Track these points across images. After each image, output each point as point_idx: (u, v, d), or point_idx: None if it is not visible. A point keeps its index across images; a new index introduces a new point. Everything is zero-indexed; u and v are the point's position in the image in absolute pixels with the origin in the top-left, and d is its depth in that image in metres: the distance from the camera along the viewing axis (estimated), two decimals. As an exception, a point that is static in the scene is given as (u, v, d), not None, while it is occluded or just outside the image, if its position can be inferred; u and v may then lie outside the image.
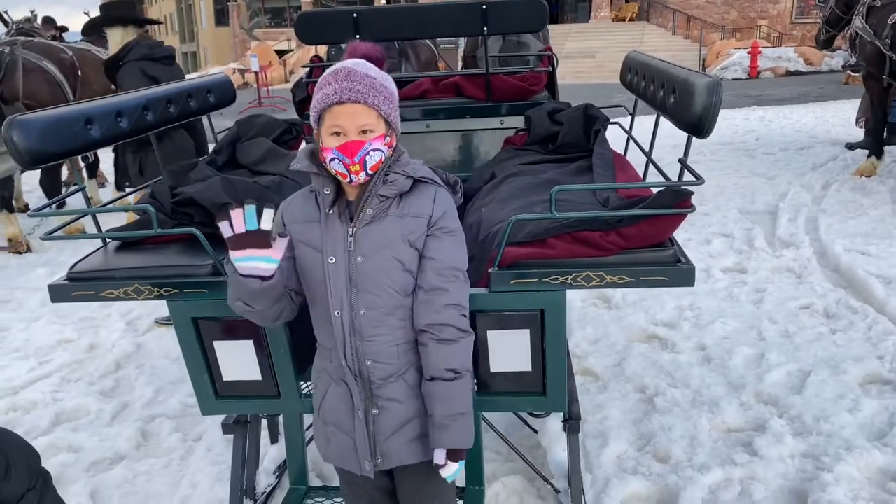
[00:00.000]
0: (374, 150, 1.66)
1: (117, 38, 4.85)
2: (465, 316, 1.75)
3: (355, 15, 3.10)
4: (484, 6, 2.99)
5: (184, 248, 2.18)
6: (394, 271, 1.72)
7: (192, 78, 3.41)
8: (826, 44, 8.38)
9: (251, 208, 1.54)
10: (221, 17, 44.28)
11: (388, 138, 1.70)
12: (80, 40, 7.50)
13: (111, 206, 2.31)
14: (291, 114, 3.50)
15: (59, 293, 2.08)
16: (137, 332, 4.48)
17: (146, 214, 2.22)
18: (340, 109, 1.64)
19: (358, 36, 3.10)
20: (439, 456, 1.74)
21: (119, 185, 7.64)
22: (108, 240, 2.28)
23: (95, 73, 6.72)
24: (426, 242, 1.74)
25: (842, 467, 2.77)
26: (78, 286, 2.07)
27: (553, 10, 33.10)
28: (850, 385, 3.39)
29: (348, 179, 1.68)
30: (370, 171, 1.68)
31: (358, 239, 1.72)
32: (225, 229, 1.54)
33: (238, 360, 2.17)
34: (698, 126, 1.88)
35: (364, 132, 1.65)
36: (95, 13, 8.20)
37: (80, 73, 6.36)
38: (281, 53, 31.87)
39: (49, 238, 2.08)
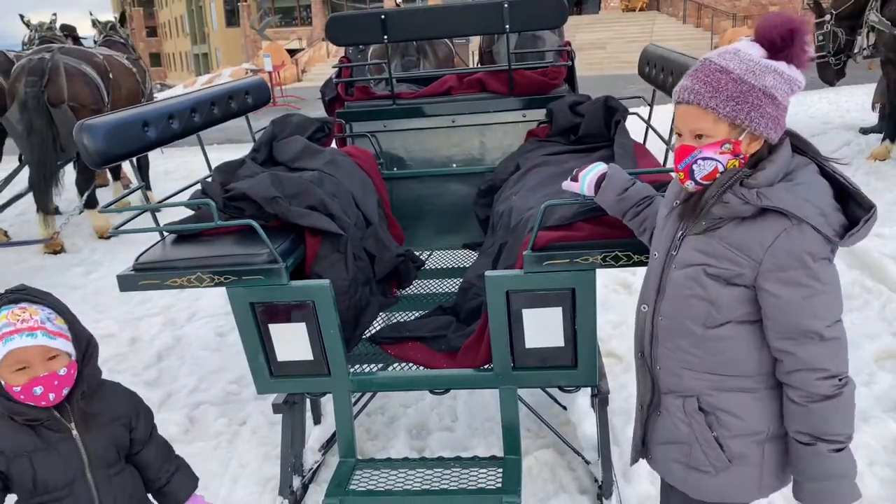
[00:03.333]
0: (705, 158, 1.48)
1: None
2: (828, 379, 1.47)
3: (383, 17, 3.26)
4: (506, 5, 3.14)
5: (238, 239, 2.36)
6: (692, 297, 1.56)
7: (204, 79, 3.57)
8: (840, 74, 8.09)
9: None
10: (232, 18, 44.55)
11: (728, 145, 1.47)
12: (95, 46, 7.72)
13: (169, 201, 2.47)
14: (305, 112, 3.65)
15: (127, 283, 2.26)
16: (176, 325, 4.66)
17: (201, 209, 2.41)
18: (680, 110, 1.53)
19: (386, 36, 3.26)
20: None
21: (146, 183, 7.85)
22: (165, 233, 2.45)
23: (122, 75, 6.94)
24: (762, 294, 1.49)
25: (858, 436, 2.89)
26: (144, 276, 2.25)
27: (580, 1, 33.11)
28: (867, 360, 3.52)
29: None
30: (701, 181, 1.51)
31: (683, 246, 1.59)
32: None
33: (291, 342, 2.34)
34: None
35: (698, 137, 1.49)
36: (104, 16, 8.44)
37: (111, 76, 6.57)
38: (292, 52, 32.05)
39: (117, 233, 2.25)
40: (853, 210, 1.46)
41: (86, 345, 1.78)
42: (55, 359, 1.67)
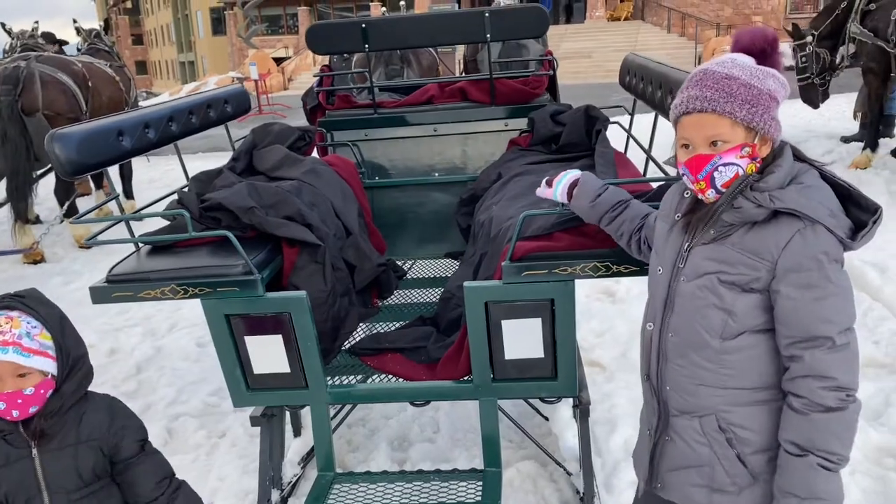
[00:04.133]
0: (726, 164, 1.46)
1: None
2: (834, 390, 1.42)
3: (364, 26, 3.24)
4: (487, 14, 3.13)
5: (213, 250, 2.33)
6: (707, 307, 1.53)
7: (190, 87, 3.55)
8: (824, 96, 8.12)
9: None
10: (218, 27, 44.51)
11: (746, 149, 1.46)
12: (78, 54, 7.67)
13: (144, 212, 2.44)
14: (291, 120, 3.63)
15: (100, 295, 2.22)
16: (156, 336, 4.61)
17: (177, 220, 2.38)
18: (688, 120, 1.49)
19: (367, 45, 3.24)
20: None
21: (128, 193, 7.79)
22: (140, 244, 2.42)
23: (102, 83, 6.89)
24: (775, 297, 1.46)
25: (840, 445, 2.90)
26: (117, 287, 2.21)
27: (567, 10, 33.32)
28: (848, 369, 3.52)
29: (699, 197, 1.55)
30: (721, 189, 1.48)
31: (690, 257, 1.56)
32: None
33: (268, 354, 2.31)
34: None
35: (713, 144, 1.47)
36: (89, 24, 8.38)
37: (90, 83, 6.52)
38: (278, 61, 32.03)
39: (91, 244, 2.22)
40: (855, 214, 1.46)
41: (72, 362, 1.72)
42: (25, 377, 1.62)
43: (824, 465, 1.43)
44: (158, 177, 9.61)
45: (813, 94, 8.20)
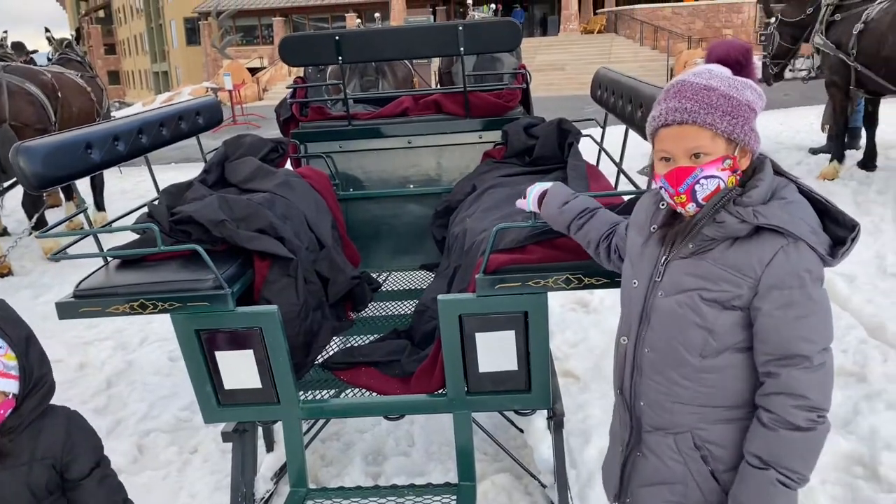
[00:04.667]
0: (707, 177, 1.43)
1: None
2: (806, 410, 1.41)
3: (337, 38, 3.24)
4: (460, 28, 3.15)
5: (184, 264, 2.30)
6: (686, 324, 1.50)
7: (164, 97, 3.52)
8: (777, 77, 8.47)
9: None
10: (192, 36, 44.24)
11: (728, 161, 1.44)
12: (49, 63, 7.57)
13: (112, 226, 2.40)
14: (265, 131, 3.61)
15: (66, 310, 2.18)
16: (127, 350, 4.54)
17: (146, 233, 2.35)
18: (667, 132, 1.46)
19: (341, 57, 3.24)
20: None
21: (98, 205, 7.68)
22: (109, 258, 2.38)
23: (73, 94, 6.80)
24: (756, 315, 1.44)
25: (810, 454, 2.94)
26: (85, 302, 2.17)
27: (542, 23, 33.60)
28: (817, 378, 3.57)
29: (678, 211, 1.52)
30: (702, 202, 1.45)
31: (668, 271, 1.53)
32: None
33: (239, 370, 2.28)
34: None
35: (695, 157, 1.44)
36: (60, 33, 8.29)
37: (59, 94, 6.43)
38: (253, 71, 31.90)
39: (58, 258, 2.18)
40: (832, 230, 1.45)
41: (34, 381, 1.69)
42: None
43: (784, 482, 1.42)
44: (130, 188, 9.49)
45: (765, 73, 8.53)
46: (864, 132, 7.92)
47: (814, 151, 8.88)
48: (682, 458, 1.57)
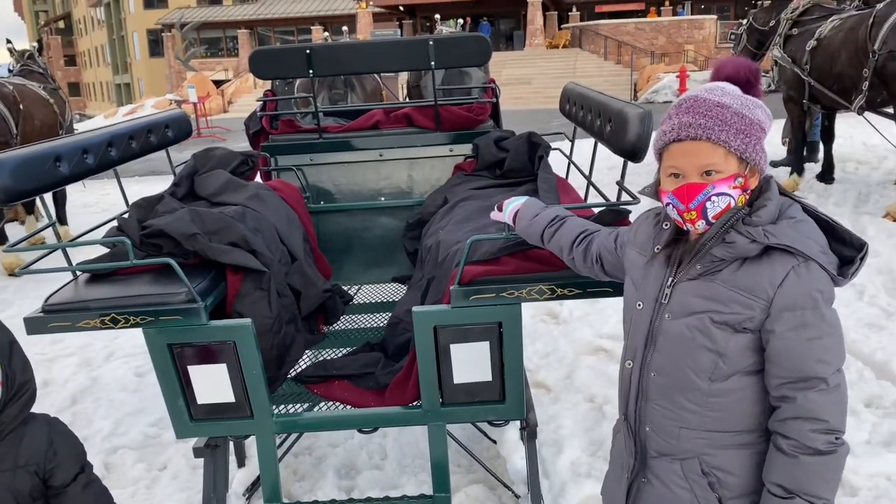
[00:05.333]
0: (718, 194, 1.40)
1: None
2: (825, 433, 1.38)
3: (308, 51, 3.25)
4: (430, 42, 3.18)
5: (155, 278, 2.27)
6: (695, 347, 1.46)
7: (126, 110, 3.49)
8: None
9: None
10: (156, 48, 43.80)
11: (739, 179, 1.41)
12: (10, 75, 7.43)
13: (82, 239, 2.37)
14: (231, 144, 3.60)
15: (35, 325, 2.14)
16: (92, 366, 4.45)
17: (117, 247, 2.32)
18: (679, 148, 1.43)
19: (311, 71, 3.25)
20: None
21: (61, 219, 7.54)
22: (78, 272, 2.34)
23: (35, 106, 6.69)
24: (768, 337, 1.41)
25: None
26: (54, 318, 2.14)
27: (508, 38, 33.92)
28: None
29: (685, 228, 1.48)
30: (712, 220, 1.43)
31: (675, 293, 1.50)
32: None
33: (212, 384, 2.26)
34: (633, 152, 2.09)
35: (707, 174, 1.41)
36: (20, 44, 8.13)
37: (21, 106, 6.32)
38: (218, 83, 31.68)
39: (25, 273, 2.14)
40: (837, 249, 1.44)
41: (16, 388, 1.69)
42: None
43: None
44: (94, 201, 9.33)
45: None
46: (821, 146, 8.17)
47: (774, 164, 9.10)
48: (689, 484, 1.54)
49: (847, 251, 1.43)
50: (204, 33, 38.90)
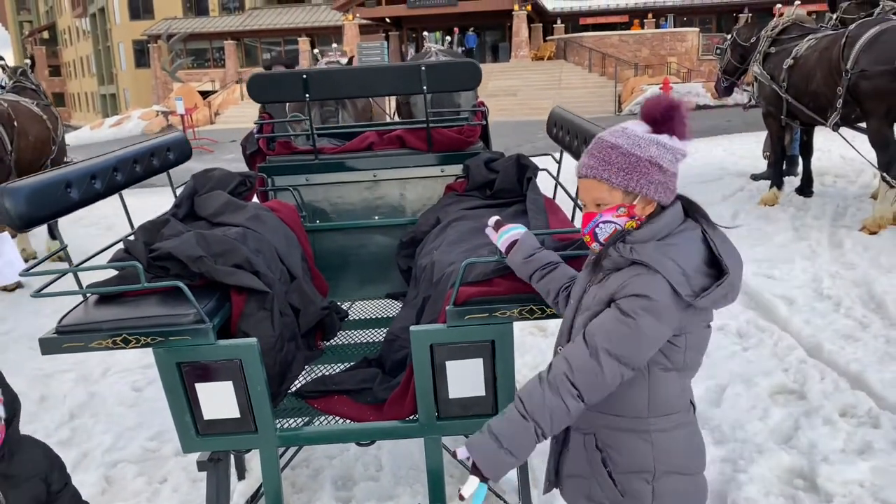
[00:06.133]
0: (605, 222, 1.69)
1: None
2: (564, 378, 1.66)
3: (305, 76, 3.37)
4: (423, 68, 3.31)
5: (163, 299, 2.37)
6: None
7: (112, 121, 3.55)
8: (727, 91, 9.18)
9: None
10: (142, 59, 43.70)
11: (622, 209, 1.68)
12: (2, 92, 7.49)
13: (94, 264, 2.47)
14: (218, 155, 3.70)
15: (50, 346, 2.23)
16: (90, 381, 4.53)
17: (126, 270, 2.42)
18: (580, 183, 1.74)
19: (308, 95, 3.37)
20: (461, 451, 1.77)
21: (52, 234, 7.59)
22: (87, 294, 2.44)
23: (29, 123, 6.75)
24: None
25: (755, 469, 3.15)
26: (68, 338, 2.23)
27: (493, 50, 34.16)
28: (761, 396, 3.81)
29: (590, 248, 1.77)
30: (603, 242, 1.71)
31: (586, 295, 1.77)
32: None
33: (218, 400, 2.36)
34: None
35: (598, 205, 1.70)
36: (5, 56, 8.18)
37: (15, 123, 6.38)
38: (204, 94, 31.67)
39: (38, 296, 2.24)
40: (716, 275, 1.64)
41: (16, 405, 1.79)
42: None
43: (519, 415, 1.68)
44: (84, 214, 9.34)
45: (718, 85, 9.29)
46: (801, 160, 8.37)
47: (755, 178, 9.32)
48: (588, 456, 1.81)
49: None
50: (190, 44, 38.89)
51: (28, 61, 7.94)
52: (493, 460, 1.69)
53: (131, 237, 2.72)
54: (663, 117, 1.66)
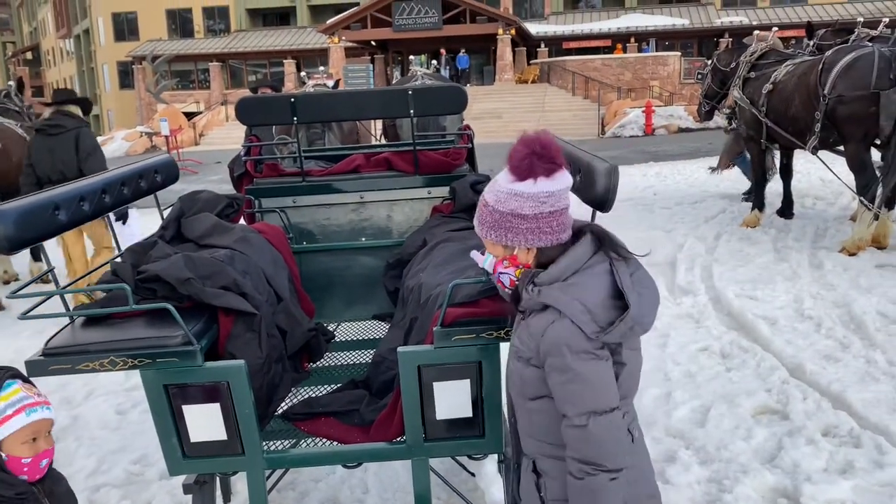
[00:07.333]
0: (501, 273, 1.82)
1: None
2: (578, 461, 1.68)
3: (293, 100, 3.40)
4: (410, 92, 3.36)
5: (150, 321, 2.38)
6: (513, 371, 1.85)
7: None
8: (708, 115, 9.36)
9: None
10: (126, 80, 43.66)
11: (505, 262, 1.80)
12: None
13: (82, 287, 2.47)
14: (203, 177, 3.72)
15: (36, 368, 2.22)
16: (72, 404, 4.48)
17: (114, 292, 2.42)
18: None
19: (296, 118, 3.40)
20: None
21: (35, 255, 7.53)
22: (74, 316, 2.43)
23: (13, 145, 6.74)
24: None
25: (740, 488, 3.17)
26: (55, 360, 2.22)
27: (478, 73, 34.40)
28: (744, 416, 3.84)
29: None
30: (510, 287, 1.82)
31: (515, 335, 1.87)
32: None
33: (205, 422, 2.36)
34: (601, 202, 2.25)
35: (496, 257, 1.83)
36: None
37: (1, 145, 6.37)
38: (189, 115, 31.67)
39: (24, 318, 2.23)
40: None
41: None
42: (49, 433, 1.81)
43: None
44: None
45: (700, 110, 9.52)
46: (782, 182, 8.46)
47: (746, 198, 9.36)
48: (527, 479, 1.88)
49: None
50: (175, 66, 38.96)
51: (12, 83, 7.92)
52: None
53: (118, 259, 2.72)
54: (521, 166, 1.70)
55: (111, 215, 2.46)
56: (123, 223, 6.00)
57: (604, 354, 1.67)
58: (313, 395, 2.92)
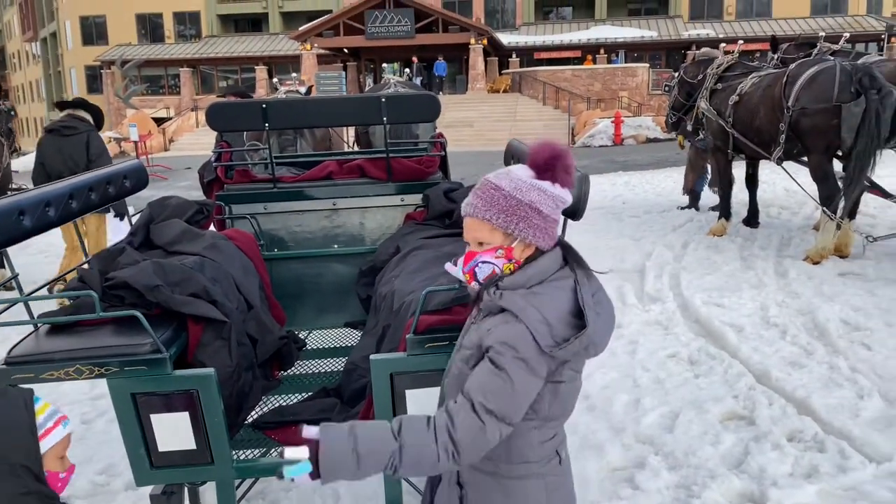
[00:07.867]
0: (484, 262, 1.70)
1: None
2: (453, 445, 1.60)
3: (264, 106, 3.38)
4: (384, 100, 3.36)
5: (118, 329, 2.34)
6: (460, 377, 1.72)
7: None
8: (675, 126, 9.52)
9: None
10: (94, 84, 43.02)
11: (501, 251, 1.70)
12: None
13: (47, 294, 2.42)
14: (172, 182, 3.69)
15: (-2, 377, 2.18)
16: (35, 415, 4.38)
17: (81, 299, 2.38)
18: (466, 222, 1.73)
19: (267, 124, 3.38)
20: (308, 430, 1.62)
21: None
22: (39, 324, 2.39)
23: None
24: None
25: (708, 493, 3.21)
26: (17, 369, 2.18)
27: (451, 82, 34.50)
28: (712, 422, 3.89)
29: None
30: (482, 282, 1.72)
31: (468, 332, 1.78)
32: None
33: (174, 432, 2.33)
34: (572, 211, 2.28)
35: (480, 244, 1.71)
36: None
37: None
38: (159, 121, 31.28)
39: (-11, 325, 2.19)
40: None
41: None
42: None
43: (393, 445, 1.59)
44: (30, 241, 9.13)
45: (667, 120, 9.77)
46: (748, 191, 8.61)
47: (713, 209, 9.51)
48: (450, 489, 1.82)
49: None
50: (145, 71, 38.45)
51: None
52: (337, 455, 1.57)
53: (86, 265, 2.68)
54: (546, 165, 1.69)
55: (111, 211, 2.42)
56: (121, 220, 5.93)
57: (541, 372, 1.62)
58: (284, 404, 2.90)
